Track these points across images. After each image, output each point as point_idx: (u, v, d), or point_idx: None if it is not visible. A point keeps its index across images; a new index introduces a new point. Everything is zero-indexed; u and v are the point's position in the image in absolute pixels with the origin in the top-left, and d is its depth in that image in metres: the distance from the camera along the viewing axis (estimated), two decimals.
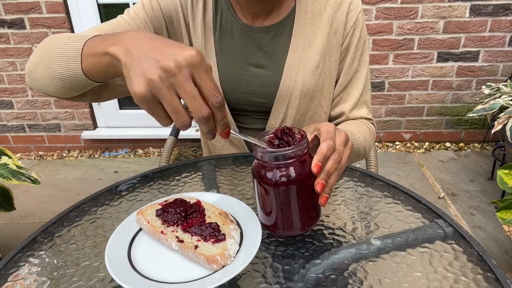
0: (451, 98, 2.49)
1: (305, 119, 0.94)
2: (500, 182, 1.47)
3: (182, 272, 0.54)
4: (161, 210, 0.61)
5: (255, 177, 0.58)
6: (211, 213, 0.61)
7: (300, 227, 0.60)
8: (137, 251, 0.58)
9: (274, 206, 0.58)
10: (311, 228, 0.62)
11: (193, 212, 0.61)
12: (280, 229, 0.60)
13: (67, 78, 0.64)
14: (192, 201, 0.63)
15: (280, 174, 0.56)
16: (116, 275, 0.51)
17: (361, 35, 0.90)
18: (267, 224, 0.61)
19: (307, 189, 0.57)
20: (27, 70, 0.71)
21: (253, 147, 0.58)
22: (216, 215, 0.61)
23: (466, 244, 0.61)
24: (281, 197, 0.57)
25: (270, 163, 0.56)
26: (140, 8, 0.86)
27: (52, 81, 0.66)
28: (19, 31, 2.38)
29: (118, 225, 0.62)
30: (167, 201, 0.64)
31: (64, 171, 2.52)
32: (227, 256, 0.53)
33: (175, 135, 1.31)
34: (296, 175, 0.56)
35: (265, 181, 0.56)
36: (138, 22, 0.84)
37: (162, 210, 0.61)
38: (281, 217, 0.58)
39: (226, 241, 0.55)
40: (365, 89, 0.94)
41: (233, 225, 0.59)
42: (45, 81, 0.67)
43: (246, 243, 0.57)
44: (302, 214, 0.59)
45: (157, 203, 0.65)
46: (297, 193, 0.57)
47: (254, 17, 0.88)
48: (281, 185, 0.56)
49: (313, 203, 0.59)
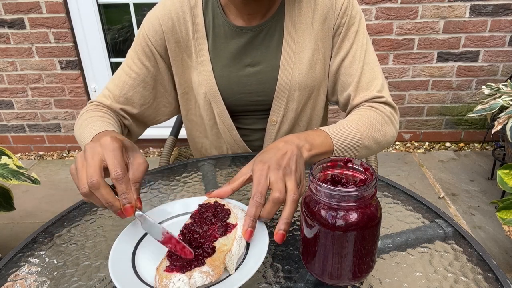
0: (451, 98, 2.49)
1: (305, 110, 0.94)
2: (500, 182, 1.47)
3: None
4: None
5: (305, 210, 0.51)
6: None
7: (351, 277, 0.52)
8: (140, 256, 0.58)
9: (326, 250, 0.50)
10: (364, 278, 0.55)
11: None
12: (326, 277, 0.52)
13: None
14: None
15: (338, 216, 0.48)
16: (119, 283, 0.51)
17: (352, 13, 0.88)
18: (310, 269, 0.54)
19: (368, 234, 0.49)
20: (74, 133, 0.89)
21: (311, 177, 0.50)
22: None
23: (466, 244, 0.61)
24: (336, 242, 0.49)
25: (326, 202, 0.48)
26: (139, 64, 0.92)
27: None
28: (19, 31, 2.38)
29: (118, 225, 0.62)
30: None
31: (64, 171, 2.52)
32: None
33: (175, 135, 1.31)
34: (359, 219, 0.48)
35: (319, 221, 0.49)
36: (143, 76, 0.93)
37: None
38: (331, 263, 0.51)
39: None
40: (368, 66, 0.89)
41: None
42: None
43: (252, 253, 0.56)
44: (356, 261, 0.50)
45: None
46: (356, 239, 0.49)
47: (250, 18, 0.88)
48: (339, 229, 0.48)
49: (371, 250, 0.51)
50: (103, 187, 0.57)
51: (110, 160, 0.59)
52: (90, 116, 0.86)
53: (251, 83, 0.91)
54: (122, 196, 0.58)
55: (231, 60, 0.90)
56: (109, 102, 0.91)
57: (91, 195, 0.58)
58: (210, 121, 0.96)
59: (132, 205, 0.58)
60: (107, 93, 0.93)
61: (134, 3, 2.33)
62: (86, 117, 0.86)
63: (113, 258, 0.55)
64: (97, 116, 0.86)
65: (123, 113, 0.92)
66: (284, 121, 0.94)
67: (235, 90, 0.91)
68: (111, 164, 0.58)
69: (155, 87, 0.94)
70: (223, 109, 0.93)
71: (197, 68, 0.91)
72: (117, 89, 0.91)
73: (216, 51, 0.90)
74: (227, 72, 0.90)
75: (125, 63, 0.93)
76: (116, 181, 0.58)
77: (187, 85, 0.95)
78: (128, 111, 0.93)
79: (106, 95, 0.92)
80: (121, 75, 0.92)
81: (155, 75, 0.93)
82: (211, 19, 0.90)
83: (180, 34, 0.90)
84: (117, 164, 0.58)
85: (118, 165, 0.58)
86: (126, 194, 0.58)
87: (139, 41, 0.91)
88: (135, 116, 0.94)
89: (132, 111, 0.93)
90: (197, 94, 0.94)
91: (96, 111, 0.88)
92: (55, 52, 2.43)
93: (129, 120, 0.94)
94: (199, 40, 0.90)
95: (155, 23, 0.89)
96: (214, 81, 0.90)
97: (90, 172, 0.57)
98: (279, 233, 0.56)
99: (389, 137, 0.86)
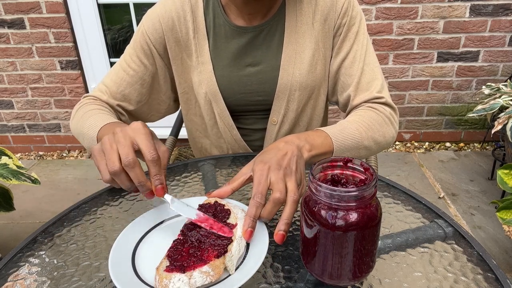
0: (451, 98, 2.49)
1: (305, 110, 0.94)
2: (500, 182, 1.47)
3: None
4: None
5: (305, 210, 0.51)
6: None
7: (351, 277, 0.52)
8: (141, 255, 0.58)
9: (326, 250, 0.50)
10: (364, 278, 0.55)
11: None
12: (326, 277, 0.52)
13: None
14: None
15: (338, 216, 0.48)
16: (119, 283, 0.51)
17: (353, 14, 0.88)
18: (310, 269, 0.54)
19: (368, 234, 0.49)
20: (70, 126, 0.90)
21: (311, 176, 0.50)
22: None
23: (466, 244, 0.61)
24: (336, 242, 0.49)
25: (326, 202, 0.48)
26: (137, 61, 0.92)
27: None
28: (19, 31, 2.38)
29: (118, 225, 0.62)
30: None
31: (64, 171, 2.52)
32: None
33: (175, 135, 1.31)
34: (359, 219, 0.48)
35: (319, 221, 0.49)
36: (141, 73, 0.93)
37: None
38: (331, 263, 0.51)
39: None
40: (368, 67, 0.89)
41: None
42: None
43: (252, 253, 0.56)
44: (356, 261, 0.50)
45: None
46: (356, 239, 0.48)
47: (251, 17, 0.88)
48: (339, 229, 0.48)
49: (371, 250, 0.51)
50: (138, 166, 0.60)
51: (144, 143, 0.61)
52: (91, 108, 0.86)
53: (251, 83, 0.91)
54: (155, 177, 0.60)
55: (232, 60, 0.90)
56: (106, 97, 0.92)
57: (120, 175, 0.60)
58: (211, 121, 0.96)
59: (163, 186, 0.61)
60: (104, 88, 0.93)
61: (134, 3, 2.33)
62: (86, 109, 0.86)
63: (113, 258, 0.55)
64: (98, 109, 0.86)
65: (120, 109, 0.93)
66: (284, 121, 0.94)
67: (235, 90, 0.91)
68: (145, 146, 0.60)
69: (152, 85, 0.94)
70: (224, 108, 0.93)
71: (198, 67, 0.91)
72: (114, 85, 0.92)
73: (216, 51, 0.90)
74: (227, 72, 0.90)
75: (123, 59, 0.93)
76: (151, 163, 0.60)
77: (186, 84, 0.95)
78: (125, 108, 0.94)
79: (103, 90, 0.92)
80: (119, 71, 0.92)
81: (153, 73, 0.93)
82: (212, 18, 0.90)
83: (180, 34, 0.90)
84: (151, 147, 0.61)
85: (153, 148, 0.61)
86: (159, 176, 0.60)
87: (138, 39, 0.91)
88: (131, 112, 0.95)
89: (129, 108, 0.94)
90: (198, 94, 0.94)
91: (96, 105, 0.88)
92: (55, 52, 2.43)
93: (125, 116, 0.95)
94: (199, 40, 0.90)
95: (155, 21, 0.89)
96: (215, 81, 0.90)
97: (124, 152, 0.59)
98: (279, 234, 0.56)
99: (388, 138, 0.86)
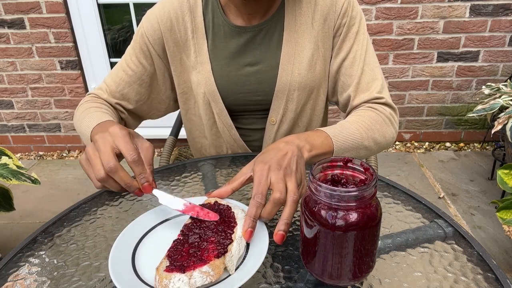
0: (451, 98, 2.49)
1: (305, 110, 0.94)
2: (500, 182, 1.47)
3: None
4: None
5: (305, 210, 0.51)
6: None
7: (351, 277, 0.51)
8: (141, 255, 0.58)
9: (326, 250, 0.50)
10: (364, 278, 0.54)
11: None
12: (326, 277, 0.52)
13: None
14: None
15: (338, 216, 0.48)
16: (119, 283, 0.51)
17: (353, 14, 0.88)
18: (310, 269, 0.54)
19: (368, 234, 0.49)
20: (74, 124, 0.93)
21: (311, 176, 0.49)
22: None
23: (466, 244, 0.61)
24: (336, 242, 0.49)
25: (326, 202, 0.48)
26: (136, 62, 0.93)
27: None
28: (19, 31, 2.38)
29: (118, 225, 0.62)
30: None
31: (64, 171, 2.52)
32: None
33: (175, 135, 1.31)
34: (359, 219, 0.47)
35: (319, 221, 0.49)
36: (140, 74, 0.94)
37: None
38: (331, 263, 0.50)
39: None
40: (368, 67, 0.88)
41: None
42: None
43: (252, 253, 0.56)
44: (356, 261, 0.50)
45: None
46: (356, 239, 0.48)
47: (250, 17, 0.88)
48: (339, 229, 0.48)
49: (371, 250, 0.51)
50: (120, 170, 0.63)
51: (122, 146, 0.64)
52: (88, 107, 0.88)
53: (250, 82, 0.91)
54: (140, 176, 0.64)
55: (231, 59, 0.90)
56: (106, 96, 0.94)
57: (107, 180, 0.64)
58: (210, 121, 0.97)
59: (150, 183, 0.65)
60: (104, 87, 0.95)
61: (134, 3, 2.33)
62: (84, 108, 0.88)
63: (113, 258, 0.55)
64: (95, 107, 0.88)
65: (120, 107, 0.95)
66: (283, 121, 0.94)
67: (234, 89, 0.91)
68: (124, 149, 0.64)
69: (151, 85, 0.95)
70: (222, 108, 0.93)
71: (196, 67, 0.91)
72: (114, 84, 0.93)
73: (215, 51, 0.90)
74: (226, 71, 0.90)
75: (124, 59, 0.94)
76: (132, 164, 0.64)
77: (185, 85, 0.95)
78: (124, 106, 0.95)
79: (103, 89, 0.94)
80: (119, 71, 0.94)
81: (151, 73, 0.94)
82: (211, 18, 0.90)
83: (179, 34, 0.90)
84: (130, 148, 0.64)
85: (132, 149, 0.64)
86: (143, 174, 0.64)
87: (137, 39, 0.92)
88: (130, 110, 0.97)
89: (128, 106, 0.95)
90: (196, 94, 0.94)
91: (94, 103, 0.90)
92: (55, 52, 2.43)
93: (125, 113, 0.96)
94: (198, 39, 0.90)
95: (153, 22, 0.90)
96: (213, 81, 0.90)
97: (105, 158, 0.63)
98: (279, 234, 0.56)
99: (388, 138, 0.86)
